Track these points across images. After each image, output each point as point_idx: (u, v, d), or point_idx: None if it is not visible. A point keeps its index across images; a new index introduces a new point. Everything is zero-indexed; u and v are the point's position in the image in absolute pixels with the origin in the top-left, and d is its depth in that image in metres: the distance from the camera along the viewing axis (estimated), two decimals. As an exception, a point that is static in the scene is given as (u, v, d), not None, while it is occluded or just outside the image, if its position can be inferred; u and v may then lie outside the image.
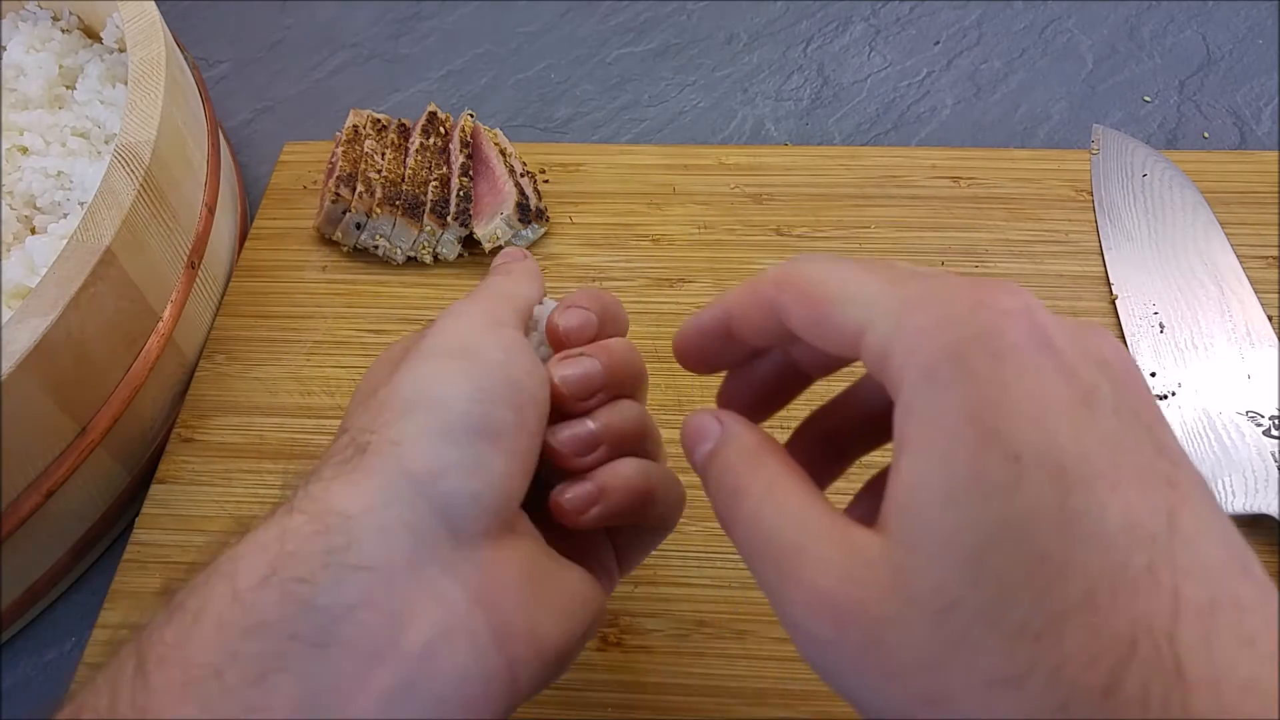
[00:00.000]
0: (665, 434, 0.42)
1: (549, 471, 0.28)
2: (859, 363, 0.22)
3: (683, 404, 0.43)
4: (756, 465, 0.22)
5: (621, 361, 0.28)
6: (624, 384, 0.28)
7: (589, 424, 0.27)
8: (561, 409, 0.27)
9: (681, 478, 0.31)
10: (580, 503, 0.26)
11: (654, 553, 0.39)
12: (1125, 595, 0.16)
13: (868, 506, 0.24)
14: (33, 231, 0.46)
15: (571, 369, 0.27)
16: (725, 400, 0.28)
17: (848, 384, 0.27)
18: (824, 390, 0.28)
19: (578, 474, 0.27)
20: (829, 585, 0.19)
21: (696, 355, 0.27)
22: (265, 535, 0.21)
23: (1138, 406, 0.18)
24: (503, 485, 0.23)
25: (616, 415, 0.28)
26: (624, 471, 0.27)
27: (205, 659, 0.19)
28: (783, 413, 0.29)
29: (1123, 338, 0.44)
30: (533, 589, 0.23)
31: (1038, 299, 0.19)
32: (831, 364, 0.26)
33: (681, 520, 0.40)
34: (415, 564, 0.21)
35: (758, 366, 0.27)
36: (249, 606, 0.20)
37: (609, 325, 0.29)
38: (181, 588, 0.21)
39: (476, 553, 0.23)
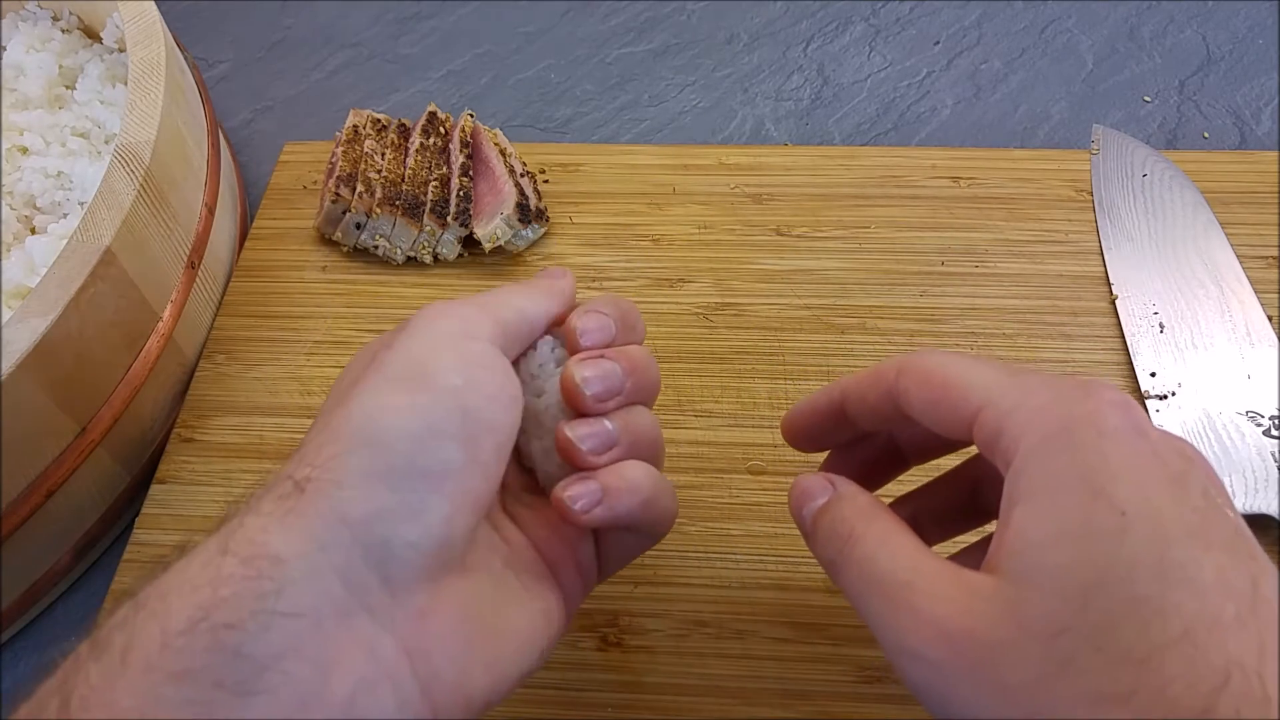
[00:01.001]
0: (667, 433, 0.42)
1: (552, 464, 0.28)
2: (951, 455, 0.27)
3: (682, 404, 0.43)
4: (870, 517, 0.24)
5: (640, 368, 0.28)
6: (641, 391, 0.29)
7: (607, 424, 0.27)
8: (578, 410, 0.27)
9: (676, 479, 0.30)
10: (586, 502, 0.26)
11: (654, 553, 0.39)
12: (1218, 636, 0.19)
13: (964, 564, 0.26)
14: (33, 231, 0.46)
15: (591, 370, 0.27)
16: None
17: (936, 473, 0.31)
18: (913, 476, 0.31)
19: (583, 471, 0.27)
20: (943, 614, 0.21)
21: (806, 432, 0.30)
22: (196, 573, 0.21)
23: (1218, 495, 0.21)
24: (443, 530, 0.23)
25: (634, 421, 0.28)
26: (631, 475, 0.27)
27: (130, 703, 0.19)
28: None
29: (1122, 338, 0.44)
30: (469, 636, 0.23)
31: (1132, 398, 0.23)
32: (932, 449, 0.30)
33: (681, 520, 0.40)
34: (345, 611, 0.21)
35: (860, 449, 0.29)
36: (177, 651, 0.20)
37: (627, 332, 0.29)
38: (107, 619, 0.21)
39: (411, 599, 0.22)
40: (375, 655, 0.21)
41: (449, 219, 0.48)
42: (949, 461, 0.30)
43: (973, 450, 0.28)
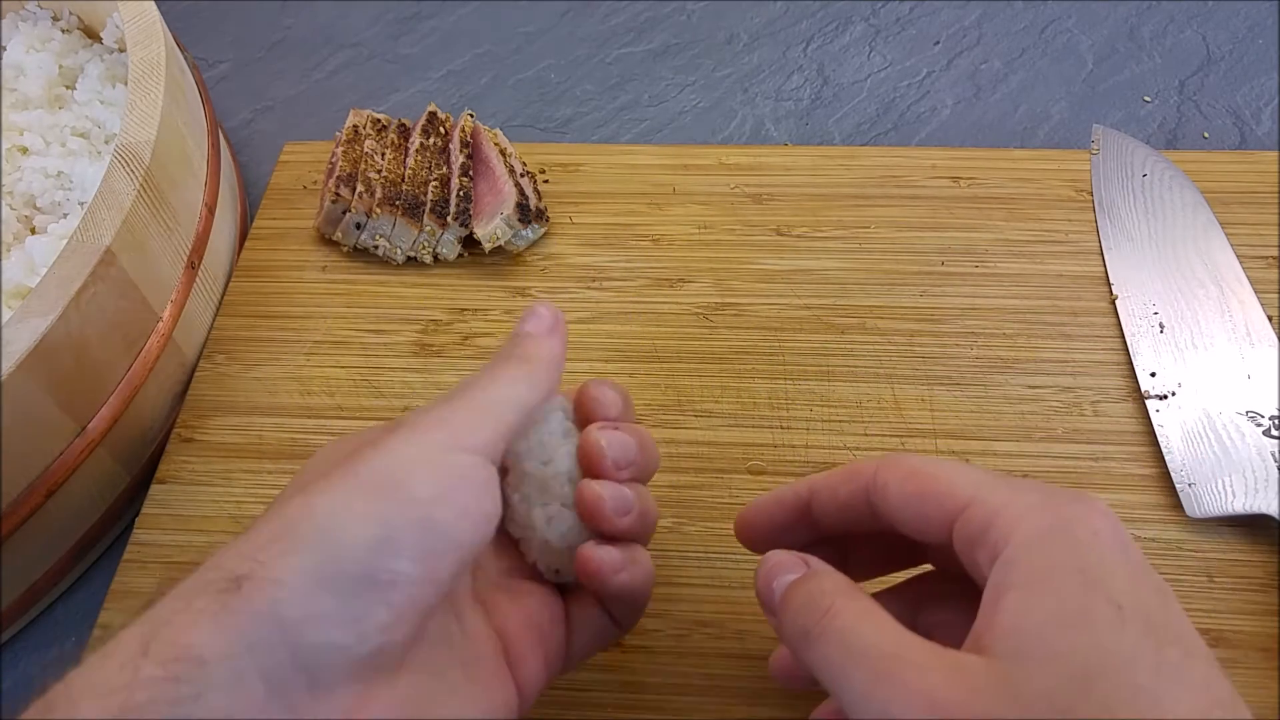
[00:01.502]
0: (667, 433, 0.42)
1: (555, 533, 0.29)
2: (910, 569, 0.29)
3: (682, 404, 0.43)
4: (849, 594, 0.25)
5: (647, 446, 0.30)
6: (647, 467, 0.30)
7: (626, 490, 0.28)
8: (596, 474, 0.28)
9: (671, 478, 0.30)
10: (618, 563, 0.28)
11: (654, 553, 0.39)
12: None
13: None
14: (33, 231, 0.46)
15: (611, 437, 0.28)
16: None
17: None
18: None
19: (599, 532, 0.28)
20: (933, 686, 0.21)
21: (765, 528, 0.30)
22: (113, 675, 0.20)
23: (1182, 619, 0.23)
24: (379, 639, 0.23)
25: (642, 494, 0.29)
26: (643, 557, 0.29)
27: None
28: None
29: (1122, 338, 0.44)
30: None
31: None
32: (882, 561, 0.30)
33: (681, 520, 0.40)
34: (265, 713, 0.21)
35: (813, 554, 0.29)
36: None
37: (630, 413, 0.31)
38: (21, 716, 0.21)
39: (337, 701, 0.22)
40: None
41: (449, 219, 0.48)
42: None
43: (913, 572, 0.30)
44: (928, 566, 0.30)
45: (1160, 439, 0.40)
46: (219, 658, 0.21)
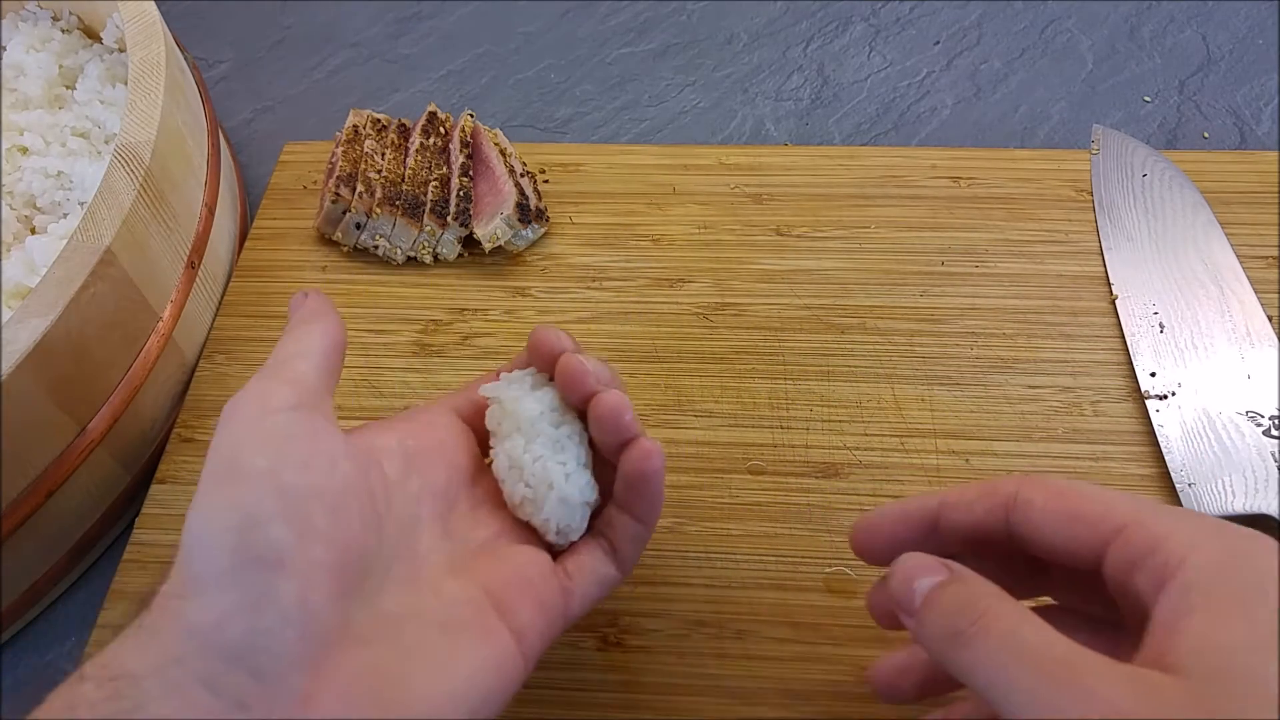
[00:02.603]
0: (667, 433, 0.42)
1: (546, 466, 0.30)
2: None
3: (682, 404, 0.43)
4: (1004, 598, 0.25)
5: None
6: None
7: (605, 367, 0.31)
8: (580, 389, 0.30)
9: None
10: (658, 448, 0.30)
11: (654, 552, 0.39)
12: None
13: None
14: (33, 231, 0.46)
15: (589, 361, 0.30)
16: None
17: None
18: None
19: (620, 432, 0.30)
20: (1115, 695, 0.21)
21: (887, 540, 0.30)
22: (54, 701, 0.21)
23: None
24: (298, 610, 0.23)
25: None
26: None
27: None
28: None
29: (1122, 338, 0.44)
30: (368, 710, 0.23)
31: None
32: (1014, 582, 0.29)
33: (681, 520, 0.40)
34: (215, 712, 0.21)
35: None
36: None
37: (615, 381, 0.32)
38: None
39: (288, 685, 0.22)
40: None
41: (449, 219, 0.48)
42: None
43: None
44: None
45: (1160, 439, 0.40)
46: (149, 672, 0.21)
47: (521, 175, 0.50)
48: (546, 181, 0.52)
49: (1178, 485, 0.39)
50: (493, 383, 0.32)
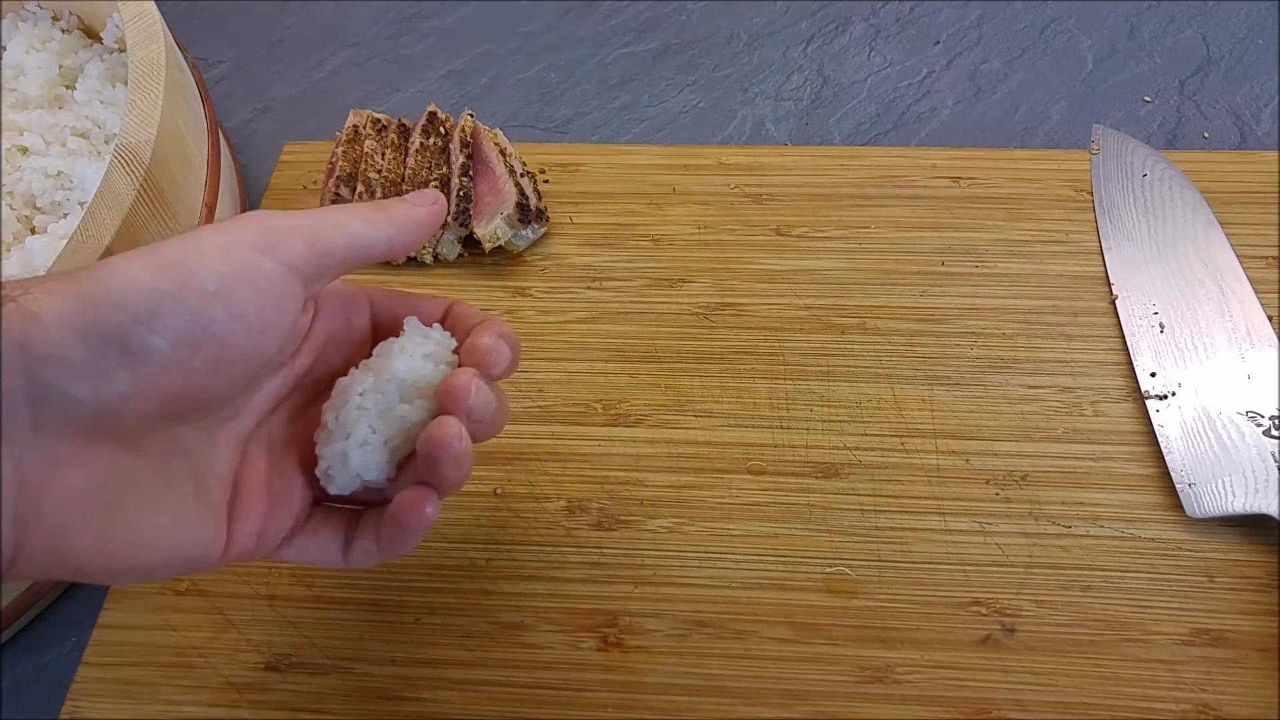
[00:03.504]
0: (667, 433, 0.42)
1: (341, 418, 0.29)
2: None
3: (682, 404, 0.43)
4: None
5: (505, 408, 0.31)
6: (493, 428, 0.31)
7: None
8: (449, 410, 0.28)
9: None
10: (424, 513, 0.28)
11: (654, 552, 0.39)
12: None
13: None
14: (33, 231, 0.46)
15: (483, 399, 0.29)
16: None
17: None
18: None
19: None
20: None
21: None
22: None
23: None
24: (114, 404, 0.23)
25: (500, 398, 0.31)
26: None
27: None
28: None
29: (1122, 338, 0.44)
30: (92, 503, 0.23)
31: None
32: None
33: (681, 520, 0.40)
34: None
35: None
36: None
37: (512, 369, 0.31)
38: None
39: (52, 444, 0.22)
40: None
41: (449, 219, 0.48)
42: None
43: None
44: None
45: (1160, 439, 0.40)
46: None
47: (521, 175, 0.50)
48: (546, 181, 0.52)
49: (1178, 485, 0.39)
50: (414, 321, 0.31)
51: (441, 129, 0.53)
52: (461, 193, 0.49)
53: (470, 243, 0.49)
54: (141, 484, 0.25)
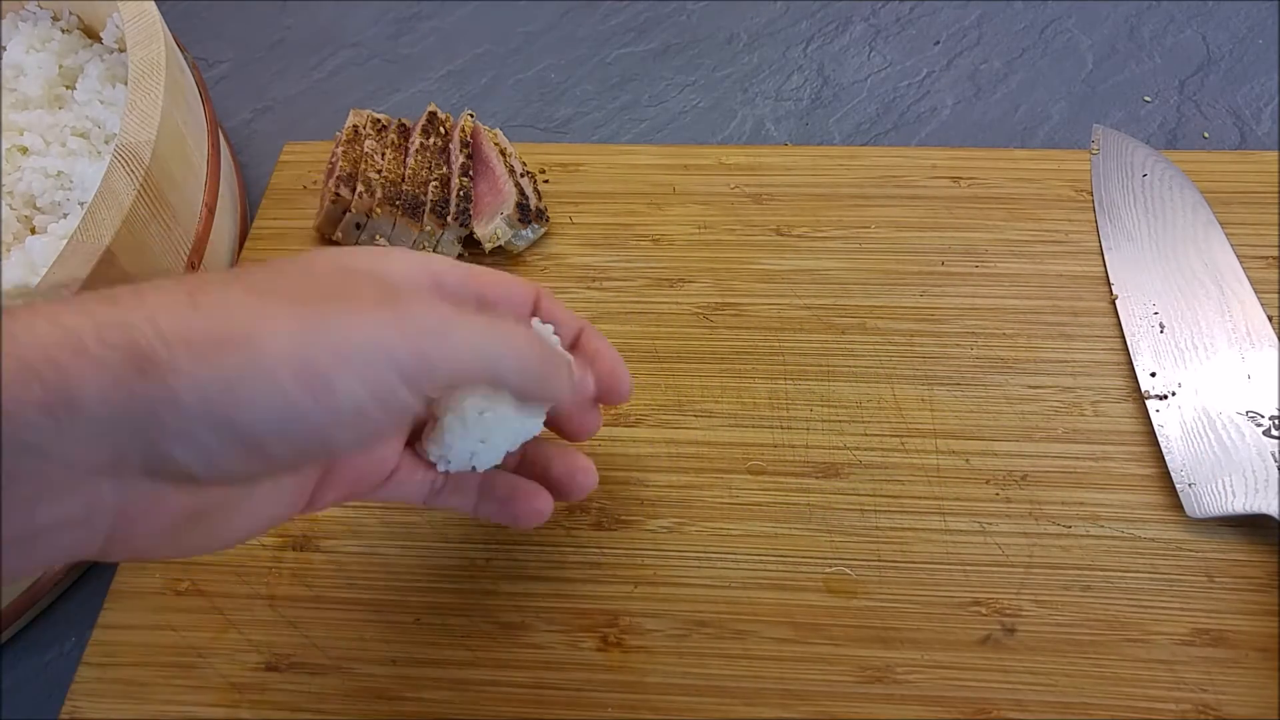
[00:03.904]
0: (667, 433, 0.42)
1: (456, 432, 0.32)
2: None
3: (682, 404, 0.43)
4: None
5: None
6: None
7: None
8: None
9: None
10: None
11: (654, 552, 0.39)
12: None
13: None
14: (33, 231, 0.46)
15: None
16: None
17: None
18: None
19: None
20: None
21: None
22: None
23: None
24: (229, 475, 0.24)
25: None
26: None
27: None
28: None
29: (1122, 338, 0.44)
30: (183, 530, 0.24)
31: None
32: None
33: (681, 520, 0.40)
34: (98, 473, 0.22)
35: None
36: None
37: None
38: None
39: (158, 488, 0.23)
40: (91, 515, 0.22)
41: (449, 219, 0.48)
42: None
43: None
44: None
45: (1160, 439, 0.40)
46: (93, 409, 0.21)
47: (521, 175, 0.50)
48: (546, 181, 0.52)
49: (1178, 485, 0.39)
50: (535, 323, 0.34)
51: (441, 129, 0.53)
52: (461, 193, 0.49)
53: (470, 243, 0.49)
54: (234, 501, 0.26)
